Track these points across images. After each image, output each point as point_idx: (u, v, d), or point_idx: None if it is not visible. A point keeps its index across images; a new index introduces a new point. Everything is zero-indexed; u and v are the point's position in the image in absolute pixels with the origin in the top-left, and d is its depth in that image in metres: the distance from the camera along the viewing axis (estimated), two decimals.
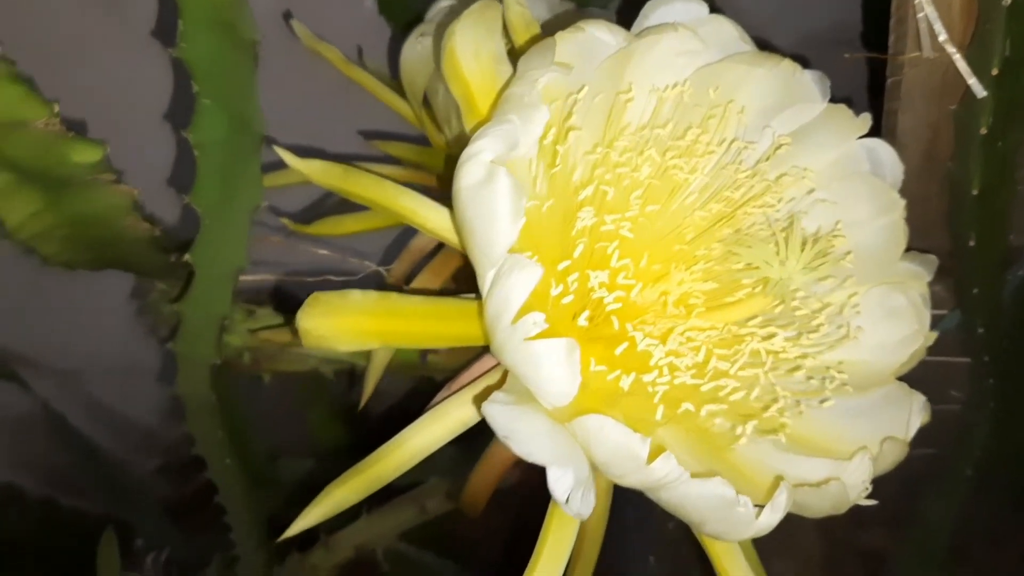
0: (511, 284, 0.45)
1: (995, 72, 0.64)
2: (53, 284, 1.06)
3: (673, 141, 0.57)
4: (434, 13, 0.77)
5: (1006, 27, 0.63)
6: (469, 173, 0.47)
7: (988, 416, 0.88)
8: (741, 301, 0.57)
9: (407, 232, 0.74)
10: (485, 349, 0.63)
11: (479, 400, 0.52)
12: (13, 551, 0.99)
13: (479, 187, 0.46)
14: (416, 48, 0.73)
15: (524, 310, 0.45)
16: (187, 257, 0.58)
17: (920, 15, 0.66)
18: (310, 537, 1.05)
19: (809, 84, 0.60)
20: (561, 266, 0.50)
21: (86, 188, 0.52)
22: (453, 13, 0.65)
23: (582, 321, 0.50)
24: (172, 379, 1.09)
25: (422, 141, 0.80)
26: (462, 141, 0.54)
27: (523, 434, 0.45)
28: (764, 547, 1.07)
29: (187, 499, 1.34)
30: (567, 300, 0.50)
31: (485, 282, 0.48)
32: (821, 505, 0.50)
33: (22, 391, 0.99)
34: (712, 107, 0.59)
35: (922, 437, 0.58)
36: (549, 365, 0.45)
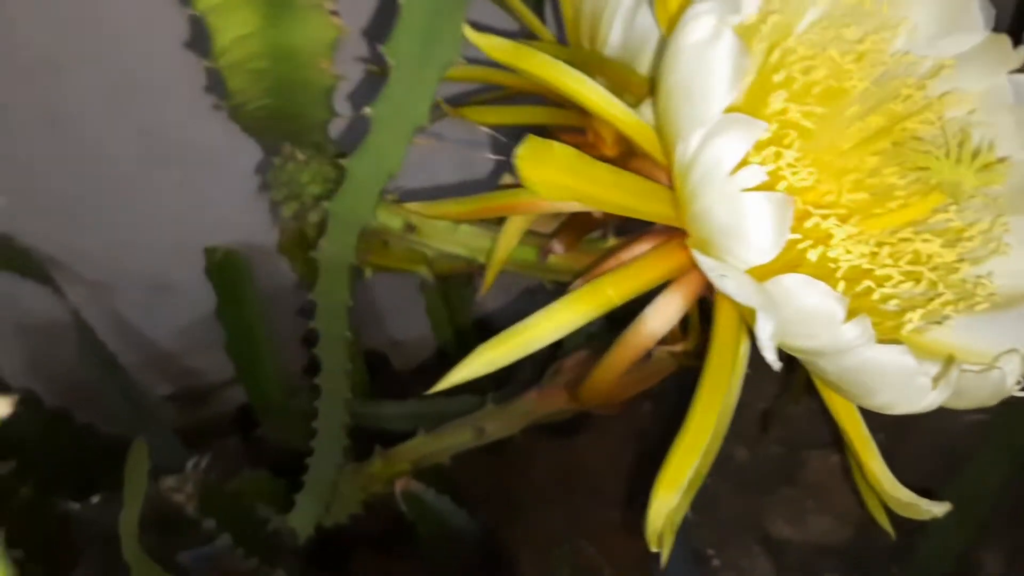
0: (729, 139, 0.47)
1: None
2: (101, 192, 1.06)
3: (852, 44, 0.59)
4: None
5: None
6: (695, 31, 0.49)
7: None
8: (895, 210, 0.59)
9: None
10: (607, 253, 0.65)
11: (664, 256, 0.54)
12: (19, 456, 0.98)
13: (704, 45, 0.48)
14: None
15: None
16: (367, 110, 0.59)
17: None
18: (366, 451, 1.07)
19: (976, 11, 0.62)
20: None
21: (304, 13, 0.53)
22: None
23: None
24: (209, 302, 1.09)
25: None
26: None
27: (733, 280, 0.47)
28: (801, 505, 1.08)
29: (197, 428, 1.35)
30: (768, 168, 0.52)
31: (689, 145, 0.50)
32: (980, 391, 0.53)
33: (54, 297, 0.96)
34: (886, 19, 0.61)
35: None
36: (764, 217, 0.46)
